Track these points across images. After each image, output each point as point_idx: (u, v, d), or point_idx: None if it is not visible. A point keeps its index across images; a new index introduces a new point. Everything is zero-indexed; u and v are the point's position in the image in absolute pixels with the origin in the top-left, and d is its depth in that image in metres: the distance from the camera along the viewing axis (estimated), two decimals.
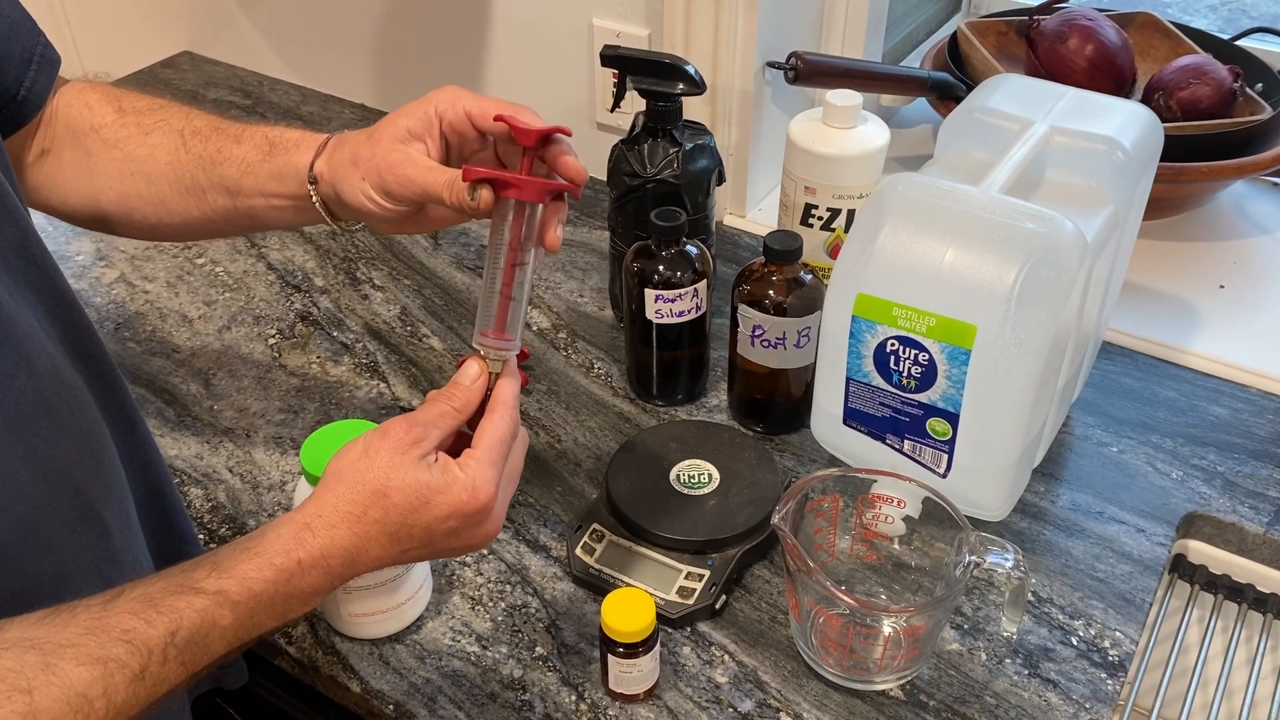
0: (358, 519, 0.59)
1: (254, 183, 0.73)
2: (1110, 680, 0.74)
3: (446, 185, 0.66)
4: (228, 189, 0.74)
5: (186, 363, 1.02)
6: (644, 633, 0.70)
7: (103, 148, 0.74)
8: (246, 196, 0.74)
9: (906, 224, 0.74)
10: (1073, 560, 0.82)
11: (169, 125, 0.75)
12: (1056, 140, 0.80)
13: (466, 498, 0.60)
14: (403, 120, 0.69)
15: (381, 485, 0.59)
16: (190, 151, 0.74)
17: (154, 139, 0.74)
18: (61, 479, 0.58)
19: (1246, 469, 0.89)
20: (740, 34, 1.08)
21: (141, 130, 0.74)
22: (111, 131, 0.74)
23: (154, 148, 0.74)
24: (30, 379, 0.55)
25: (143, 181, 0.74)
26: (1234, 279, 1.10)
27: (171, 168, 0.74)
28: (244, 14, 1.50)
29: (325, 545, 0.58)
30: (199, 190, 0.74)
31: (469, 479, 0.60)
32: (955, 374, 0.73)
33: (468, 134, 0.70)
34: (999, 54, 1.22)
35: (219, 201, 0.74)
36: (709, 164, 0.95)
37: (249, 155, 0.73)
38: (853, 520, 0.76)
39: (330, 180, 0.71)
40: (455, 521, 0.60)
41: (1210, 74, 1.13)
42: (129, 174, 0.74)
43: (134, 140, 0.74)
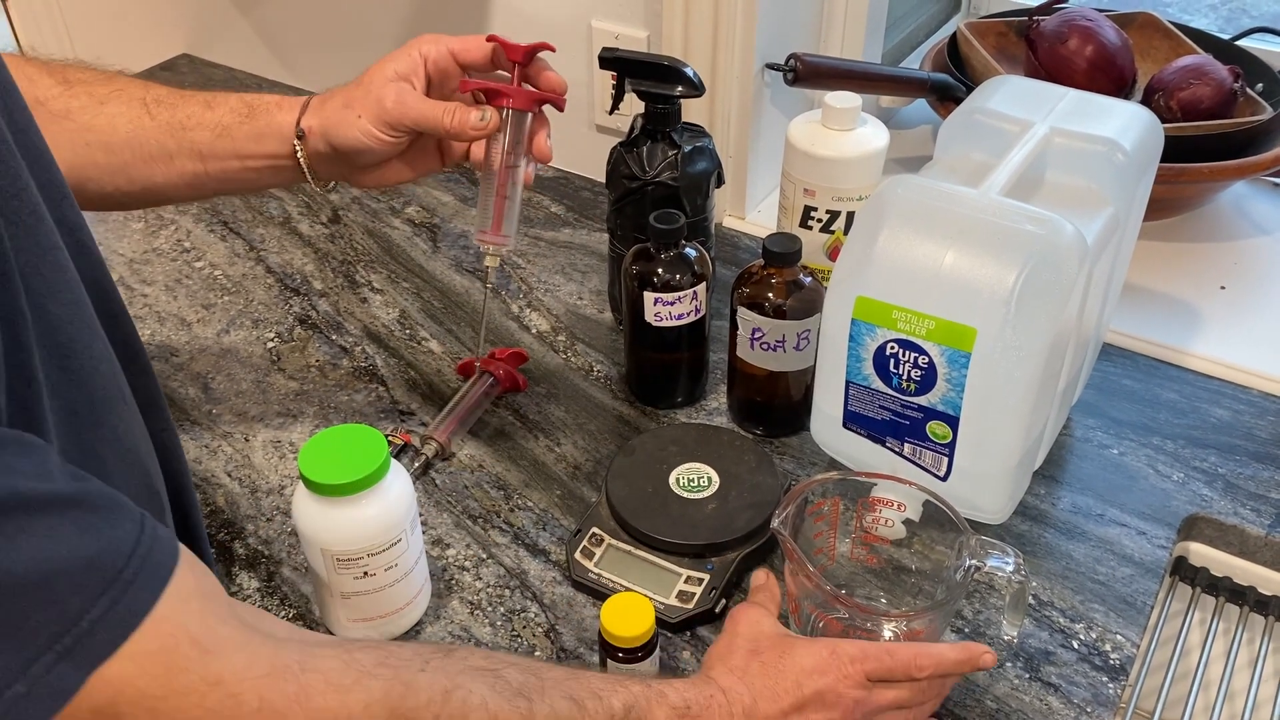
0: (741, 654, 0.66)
1: (229, 145, 0.76)
2: (1111, 684, 0.73)
3: (447, 112, 0.74)
4: (199, 154, 0.76)
5: (185, 366, 1.02)
6: (644, 637, 0.69)
7: (50, 119, 0.74)
8: (219, 160, 0.77)
9: (906, 226, 0.74)
10: (1074, 563, 0.82)
11: (127, 94, 0.76)
12: (1056, 142, 0.80)
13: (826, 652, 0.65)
14: (390, 65, 0.76)
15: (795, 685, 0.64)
16: (156, 119, 0.76)
17: (111, 108, 0.75)
18: (134, 461, 0.59)
19: (1248, 471, 0.89)
20: (739, 36, 1.08)
21: (95, 100, 0.75)
22: (60, 103, 0.74)
23: (113, 117, 0.75)
24: (110, 363, 0.57)
25: (100, 151, 0.75)
26: (1235, 280, 1.10)
27: (134, 135, 0.75)
28: (242, 17, 1.50)
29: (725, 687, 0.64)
30: (166, 156, 0.76)
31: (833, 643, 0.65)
32: (955, 377, 0.73)
33: (450, 70, 0.78)
34: (999, 55, 1.22)
35: (187, 166, 0.77)
36: (708, 166, 0.95)
37: (224, 119, 0.76)
38: (853, 524, 0.76)
39: (321, 130, 0.76)
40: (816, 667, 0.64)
41: (1210, 74, 1.12)
42: (84, 144, 0.74)
43: (88, 110, 0.74)
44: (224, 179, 0.79)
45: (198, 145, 0.76)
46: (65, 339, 0.53)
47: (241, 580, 0.82)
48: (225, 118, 0.77)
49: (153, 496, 0.62)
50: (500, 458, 0.91)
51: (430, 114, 0.75)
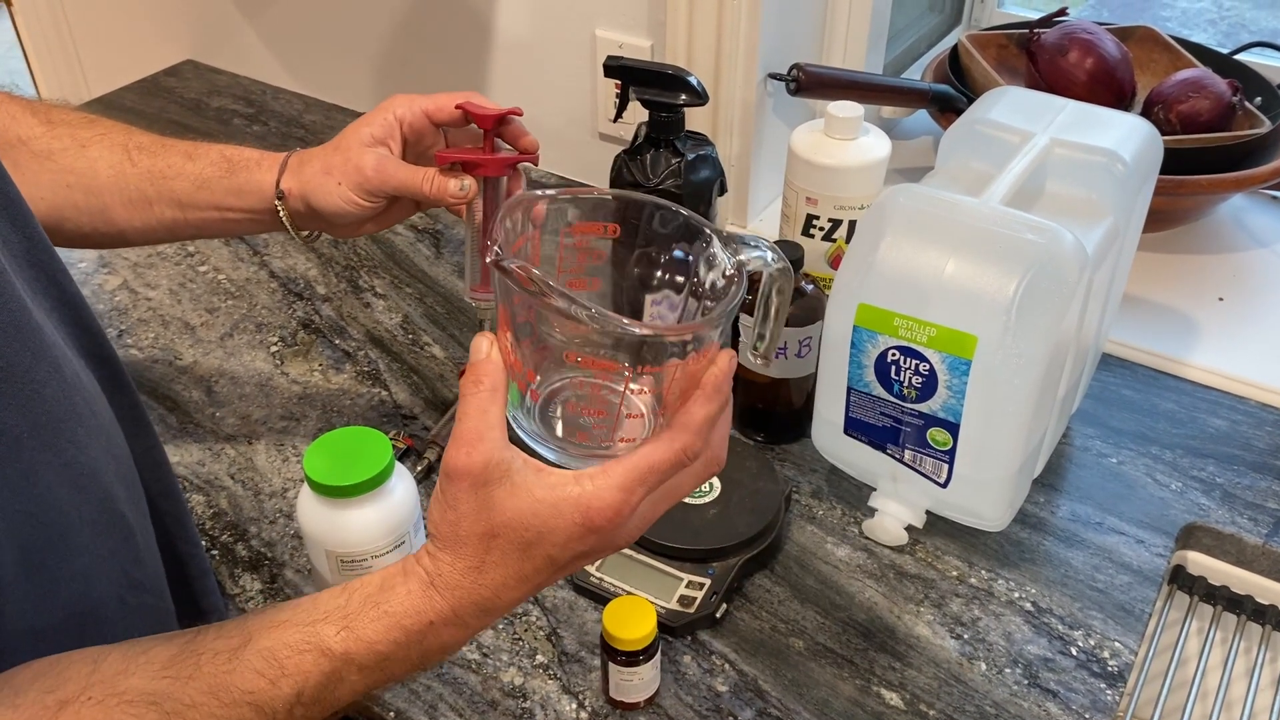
0: (479, 571, 0.53)
1: (209, 198, 0.78)
2: (1109, 690, 0.74)
3: (426, 179, 0.75)
4: (179, 202, 0.78)
5: (189, 370, 1.02)
6: (645, 641, 0.70)
7: (32, 159, 0.75)
8: (199, 210, 0.78)
9: (907, 235, 0.75)
10: (1072, 571, 0.82)
11: (109, 140, 0.77)
12: (1057, 152, 0.81)
13: (580, 519, 0.52)
14: (365, 129, 0.77)
15: (485, 530, 0.52)
16: (137, 165, 0.77)
17: (93, 152, 0.76)
18: (90, 483, 0.58)
19: (1245, 480, 0.90)
20: (742, 45, 1.09)
21: (78, 143, 0.76)
22: (42, 144, 0.76)
23: (94, 161, 0.76)
24: (60, 385, 0.55)
25: (80, 193, 0.76)
26: (1233, 291, 1.10)
27: (115, 181, 0.76)
28: (247, 23, 1.51)
29: (454, 603, 0.54)
30: (146, 202, 0.77)
31: (581, 499, 0.52)
32: (956, 384, 0.74)
33: (425, 130, 0.78)
34: (999, 67, 1.22)
35: (166, 214, 0.78)
36: (711, 174, 0.96)
37: (205, 171, 0.77)
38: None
39: (301, 193, 0.76)
40: (578, 544, 0.53)
41: (1209, 88, 1.13)
42: (65, 185, 0.76)
43: (70, 153, 0.76)
44: (202, 227, 0.80)
45: (177, 195, 0.78)
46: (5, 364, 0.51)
47: (244, 582, 0.82)
48: (206, 170, 0.78)
49: (114, 518, 0.60)
50: None
51: (410, 181, 0.75)
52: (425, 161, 0.78)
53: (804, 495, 0.88)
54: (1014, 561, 0.83)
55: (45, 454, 0.55)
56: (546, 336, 0.55)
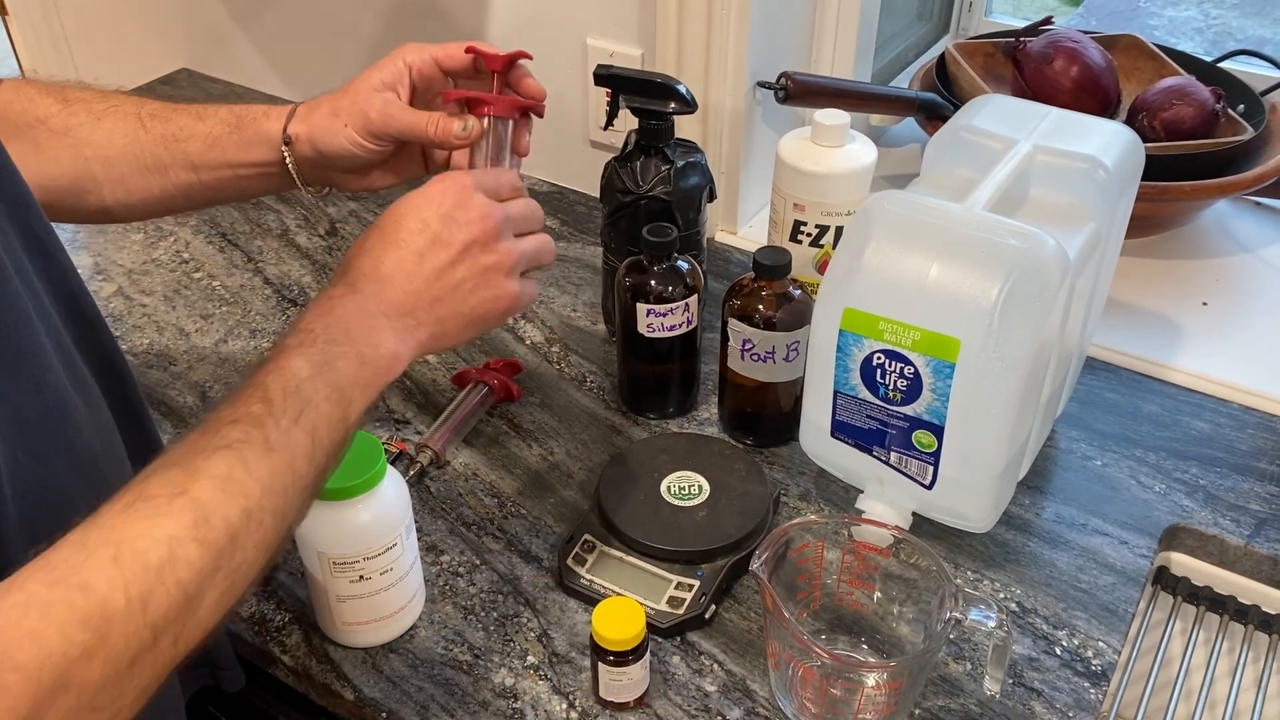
0: (364, 250, 0.65)
1: (220, 155, 0.80)
2: (1093, 689, 0.75)
3: (430, 122, 0.76)
4: (192, 164, 0.80)
5: (183, 375, 1.03)
6: (634, 641, 0.71)
7: (50, 136, 0.77)
8: (211, 169, 0.80)
9: (892, 240, 0.76)
10: (1057, 571, 0.83)
11: (122, 110, 0.79)
12: (1039, 159, 0.82)
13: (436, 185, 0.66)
14: (375, 74, 0.79)
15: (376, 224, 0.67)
16: (150, 132, 0.79)
17: (108, 123, 0.78)
18: (91, 469, 0.59)
19: (1228, 482, 0.91)
20: (731, 54, 1.10)
21: (93, 116, 0.78)
22: (59, 120, 0.78)
23: (109, 131, 0.78)
24: (66, 370, 0.57)
25: (98, 165, 0.78)
26: (1216, 296, 1.12)
27: (130, 148, 0.78)
28: (242, 32, 1.52)
29: (349, 276, 0.63)
30: (161, 167, 0.79)
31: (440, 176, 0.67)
32: (940, 387, 0.75)
33: (434, 77, 0.80)
34: (986, 75, 1.24)
35: (182, 177, 0.80)
36: (700, 181, 0.97)
37: (214, 130, 0.80)
38: (837, 566, 0.76)
39: (308, 137, 0.79)
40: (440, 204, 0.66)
41: (1193, 95, 1.15)
42: (83, 158, 0.78)
43: (86, 126, 0.78)
44: (217, 187, 0.82)
45: (190, 156, 0.79)
46: (13, 346, 0.53)
47: None
48: (215, 128, 0.80)
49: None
50: (494, 466, 0.93)
51: (415, 124, 0.77)
52: (434, 109, 0.79)
53: (792, 498, 0.89)
54: (999, 562, 0.84)
55: (53, 440, 0.56)
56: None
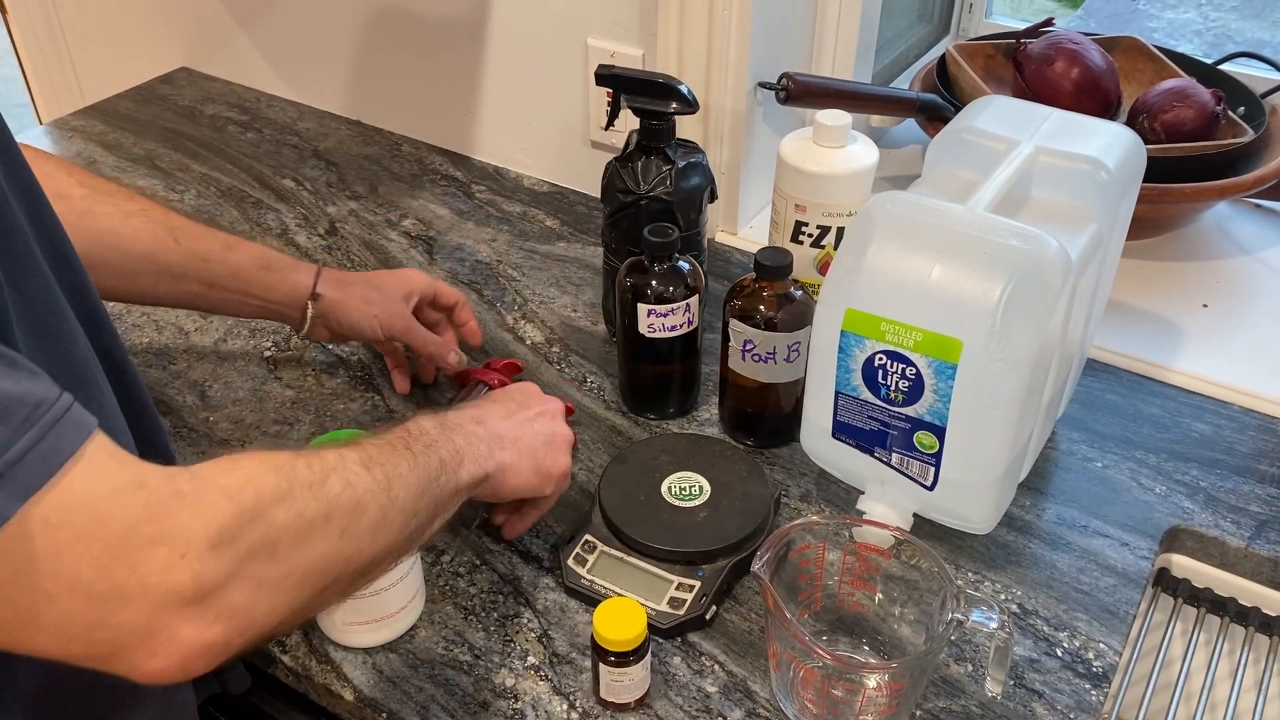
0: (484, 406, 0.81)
1: (241, 286, 0.91)
2: (1094, 691, 0.75)
3: (437, 344, 0.96)
4: (210, 283, 0.90)
5: (183, 374, 1.03)
6: (635, 642, 0.71)
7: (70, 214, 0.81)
8: (225, 292, 0.91)
9: (894, 241, 0.76)
10: (1058, 573, 0.83)
11: (150, 216, 0.88)
12: (1041, 160, 0.82)
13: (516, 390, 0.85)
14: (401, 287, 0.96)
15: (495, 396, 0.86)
16: (181, 246, 0.88)
17: (136, 223, 0.87)
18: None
19: (1228, 484, 0.91)
20: (732, 55, 1.10)
21: (121, 213, 0.87)
22: (83, 204, 0.85)
23: (137, 231, 0.87)
24: (84, 350, 0.61)
25: (117, 255, 0.86)
26: (1217, 298, 1.12)
27: (155, 253, 0.87)
28: (241, 30, 1.52)
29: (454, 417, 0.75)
30: (178, 276, 0.89)
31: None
32: (942, 388, 0.75)
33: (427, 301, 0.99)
34: (987, 76, 1.24)
35: (194, 289, 0.90)
36: (701, 182, 0.97)
37: (243, 264, 0.91)
38: (838, 567, 0.76)
39: (337, 307, 0.94)
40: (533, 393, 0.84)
41: (1193, 97, 1.15)
42: (103, 245, 0.85)
43: (113, 218, 0.86)
44: (219, 304, 0.93)
45: (213, 277, 0.90)
46: (41, 319, 0.57)
47: None
48: (244, 263, 0.91)
49: None
50: None
51: (426, 343, 0.96)
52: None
53: (793, 499, 0.89)
54: (1000, 564, 0.84)
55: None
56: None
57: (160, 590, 0.48)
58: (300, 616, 0.56)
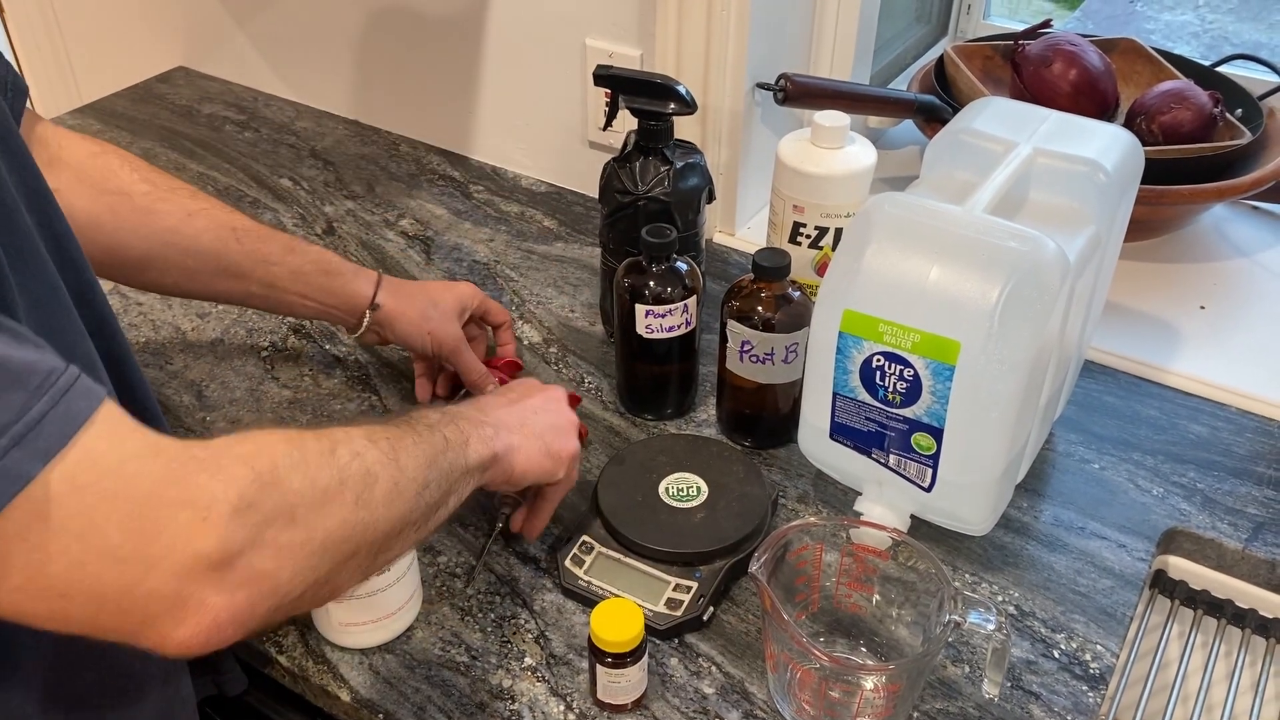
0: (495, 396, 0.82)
1: (301, 288, 0.91)
2: (1091, 692, 0.75)
3: (479, 373, 0.96)
4: (271, 284, 0.90)
5: (179, 374, 1.03)
6: (632, 643, 0.71)
7: (133, 211, 0.85)
8: (285, 294, 0.91)
9: (892, 242, 0.76)
10: (1055, 574, 0.83)
11: (213, 216, 0.89)
12: (1039, 162, 0.82)
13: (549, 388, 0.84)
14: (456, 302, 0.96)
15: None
16: (244, 246, 0.89)
17: (199, 223, 0.88)
18: None
19: (1225, 486, 0.91)
20: (730, 56, 1.10)
21: (184, 211, 0.87)
22: (145, 200, 0.85)
23: (200, 231, 0.87)
24: (88, 354, 0.61)
25: (178, 252, 0.87)
26: (1214, 300, 1.12)
27: (217, 253, 0.88)
28: (239, 30, 1.51)
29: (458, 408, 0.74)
30: (239, 275, 0.89)
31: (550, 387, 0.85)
32: (940, 389, 0.75)
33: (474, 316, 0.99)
34: (984, 77, 1.24)
35: (253, 288, 0.91)
36: (699, 182, 0.97)
37: (304, 266, 0.92)
38: (835, 568, 0.76)
39: (395, 317, 0.94)
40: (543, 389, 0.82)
41: (1191, 99, 1.15)
42: (164, 242, 0.86)
43: (175, 216, 0.87)
44: (276, 304, 0.93)
45: (274, 279, 0.90)
46: (45, 321, 0.57)
47: None
48: (305, 266, 0.91)
49: None
50: None
51: (470, 368, 0.95)
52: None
53: (790, 500, 0.89)
54: (997, 565, 0.84)
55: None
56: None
57: (186, 554, 0.48)
58: (324, 590, 0.57)
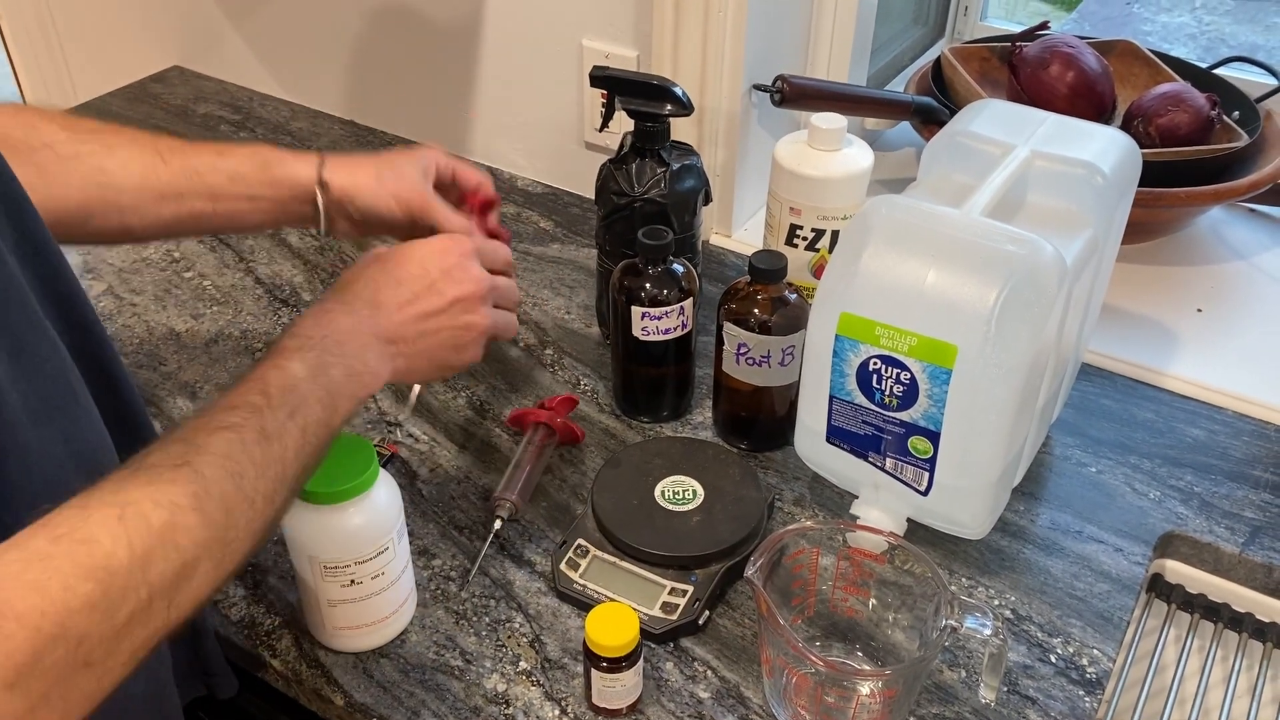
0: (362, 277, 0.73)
1: (244, 189, 0.84)
2: (1088, 697, 0.75)
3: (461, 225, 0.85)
4: (212, 195, 0.84)
5: (173, 376, 1.02)
6: (628, 647, 0.70)
7: (58, 161, 0.79)
8: (230, 200, 0.84)
9: (889, 245, 0.75)
10: (1052, 578, 0.83)
11: (137, 143, 0.83)
12: (1037, 164, 0.82)
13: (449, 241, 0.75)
14: (416, 163, 0.87)
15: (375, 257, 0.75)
16: (170, 164, 0.83)
17: (123, 154, 0.82)
18: (90, 462, 0.59)
19: (1222, 490, 0.91)
20: (727, 57, 1.10)
21: (105, 147, 0.81)
22: (68, 147, 0.80)
23: (126, 161, 0.81)
24: (60, 362, 0.59)
25: (112, 191, 0.81)
26: (1211, 303, 1.12)
27: (148, 178, 0.82)
28: (234, 30, 1.51)
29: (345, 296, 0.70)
30: (177, 196, 0.83)
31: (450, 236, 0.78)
32: (937, 393, 0.74)
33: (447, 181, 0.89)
34: (982, 79, 1.24)
35: (198, 206, 0.84)
36: (696, 184, 0.96)
37: (239, 167, 0.84)
38: (831, 572, 0.76)
39: (348, 190, 0.85)
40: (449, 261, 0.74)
41: (1188, 101, 1.15)
42: (96, 184, 0.80)
43: (99, 154, 0.81)
44: (230, 218, 0.86)
45: (211, 187, 0.84)
46: (19, 339, 0.55)
47: (228, 588, 0.82)
48: (240, 165, 0.84)
49: None
50: (487, 469, 0.92)
51: (445, 221, 0.85)
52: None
53: (786, 503, 0.89)
54: (994, 569, 0.84)
55: (49, 429, 0.56)
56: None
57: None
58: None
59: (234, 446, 0.56)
